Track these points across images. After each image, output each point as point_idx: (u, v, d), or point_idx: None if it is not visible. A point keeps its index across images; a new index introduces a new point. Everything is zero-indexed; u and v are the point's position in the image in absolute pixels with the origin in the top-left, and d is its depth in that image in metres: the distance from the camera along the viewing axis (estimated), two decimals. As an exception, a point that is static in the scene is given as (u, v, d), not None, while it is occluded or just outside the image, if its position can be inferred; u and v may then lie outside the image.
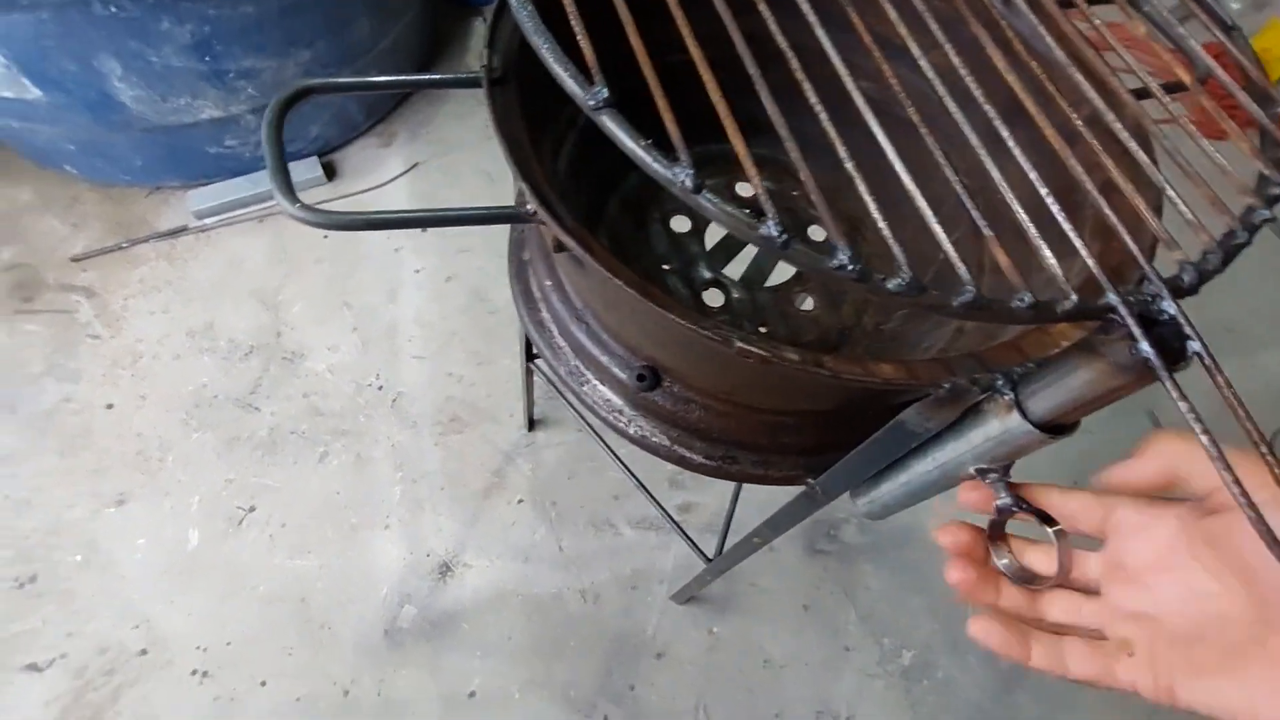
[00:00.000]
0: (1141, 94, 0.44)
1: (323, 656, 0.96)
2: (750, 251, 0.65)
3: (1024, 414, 0.32)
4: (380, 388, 1.17)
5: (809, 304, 0.63)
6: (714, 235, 0.64)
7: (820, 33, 0.40)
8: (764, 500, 1.12)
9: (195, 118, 1.15)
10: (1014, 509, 0.36)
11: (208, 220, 1.27)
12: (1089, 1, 0.49)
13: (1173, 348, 0.27)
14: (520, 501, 1.10)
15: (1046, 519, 0.34)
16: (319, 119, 1.31)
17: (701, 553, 0.83)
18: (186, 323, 1.18)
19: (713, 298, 0.61)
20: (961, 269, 0.27)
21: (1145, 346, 0.26)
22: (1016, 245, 0.32)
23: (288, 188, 0.33)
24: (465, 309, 1.27)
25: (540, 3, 0.32)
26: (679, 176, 0.26)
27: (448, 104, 1.52)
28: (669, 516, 0.87)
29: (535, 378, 1.00)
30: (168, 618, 0.96)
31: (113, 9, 0.95)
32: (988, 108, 0.37)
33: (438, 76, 0.40)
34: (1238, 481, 0.25)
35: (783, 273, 0.65)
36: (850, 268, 0.26)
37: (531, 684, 0.97)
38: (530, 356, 0.93)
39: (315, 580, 1.01)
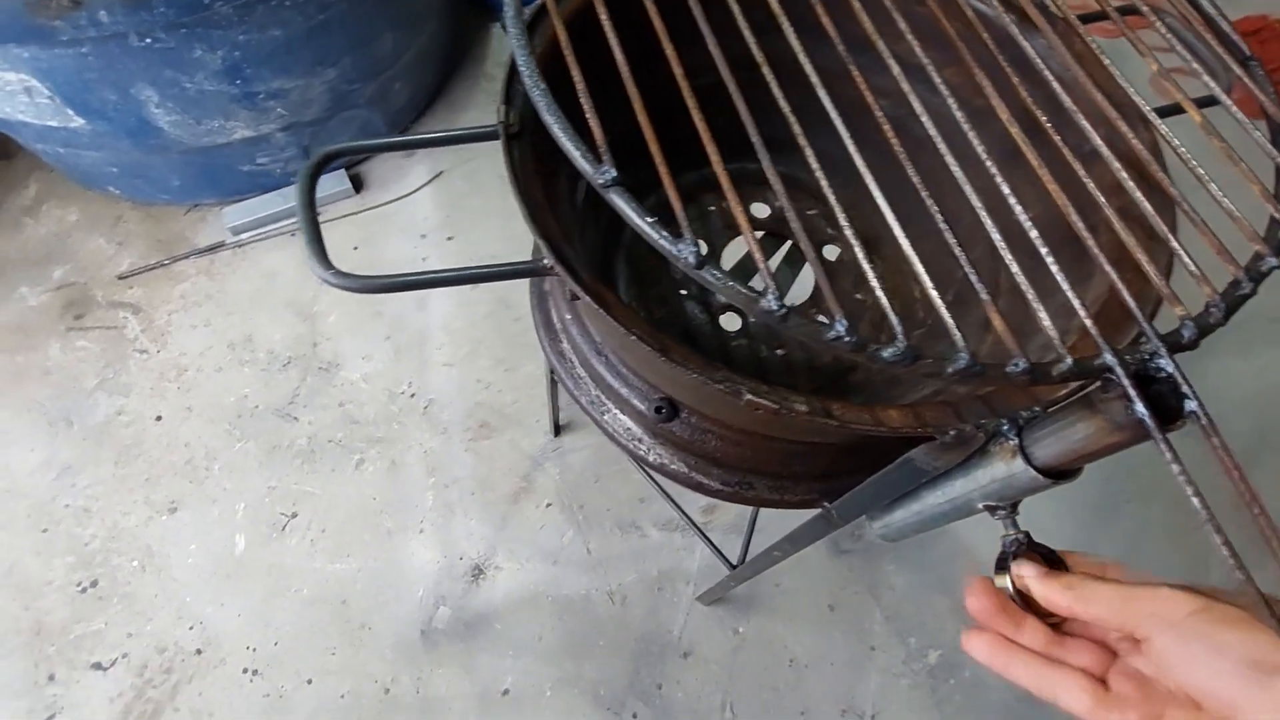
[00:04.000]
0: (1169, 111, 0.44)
1: (363, 656, 1.01)
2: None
3: (1028, 459, 0.33)
4: (412, 395, 1.21)
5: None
6: (730, 258, 0.65)
7: (842, 50, 0.41)
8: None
9: (228, 138, 1.20)
10: (1020, 546, 0.37)
11: (243, 235, 1.32)
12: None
13: (1169, 406, 0.27)
14: (548, 505, 1.13)
15: (1054, 561, 0.35)
16: (345, 133, 1.35)
17: (725, 559, 0.85)
18: (227, 335, 1.23)
19: (729, 321, 0.62)
20: (957, 336, 0.28)
21: (1140, 407, 0.27)
22: (1031, 270, 0.33)
23: (321, 254, 0.35)
24: (490, 315, 1.30)
25: (548, 69, 0.34)
26: (683, 253, 0.28)
27: (469, 111, 1.54)
28: (693, 524, 0.89)
29: (559, 386, 1.02)
30: (220, 619, 1.02)
31: (149, 40, 0.99)
32: (983, 138, 0.37)
33: (457, 132, 0.42)
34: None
35: (801, 291, 0.66)
36: (847, 340, 0.27)
37: (563, 682, 1.01)
38: (554, 368, 0.95)
39: (354, 583, 1.05)
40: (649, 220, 0.28)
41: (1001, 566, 0.38)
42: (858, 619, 1.10)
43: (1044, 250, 0.30)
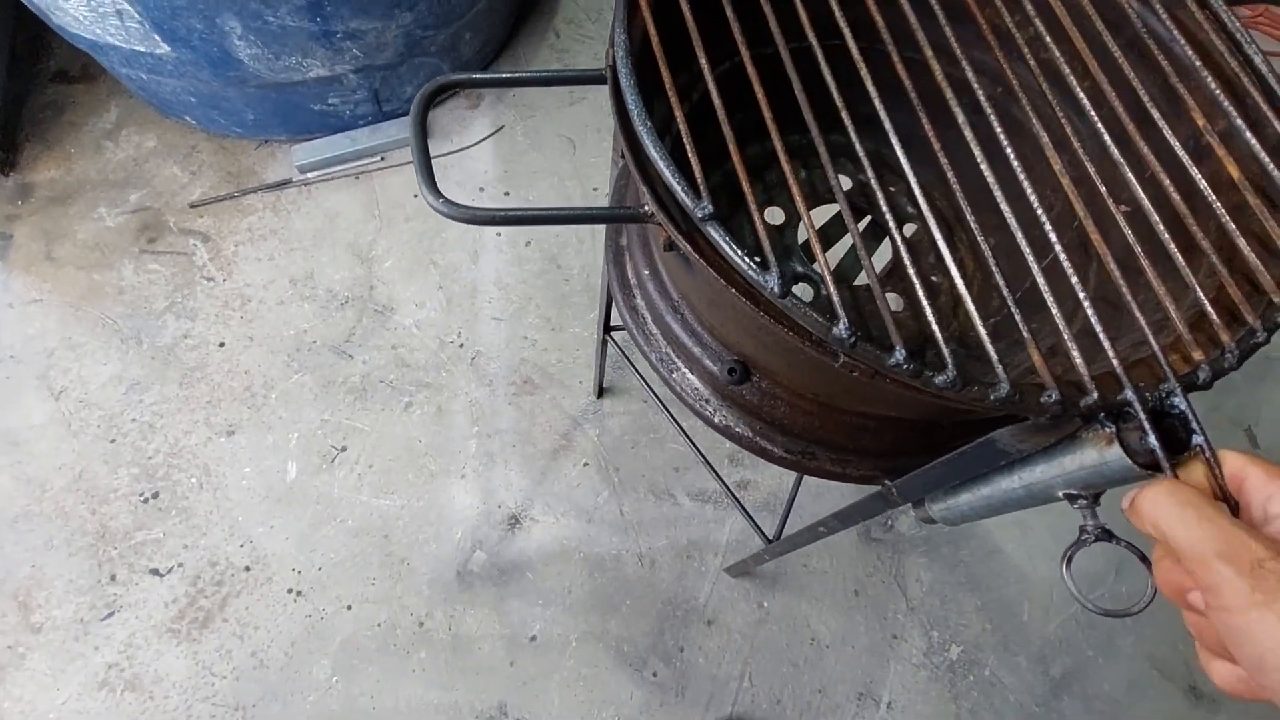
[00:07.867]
0: None
1: (401, 589, 1.05)
2: (843, 246, 0.65)
3: (1125, 448, 0.33)
4: (461, 345, 1.23)
5: (898, 305, 0.63)
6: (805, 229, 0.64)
7: (947, 29, 0.41)
8: (819, 486, 1.13)
9: (304, 76, 1.21)
10: (1097, 538, 0.37)
11: (310, 175, 1.35)
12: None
13: (1179, 439, 0.31)
14: (586, 465, 1.15)
15: (1140, 555, 0.35)
16: (415, 79, 1.36)
17: (762, 533, 0.86)
18: (289, 271, 1.27)
19: (801, 292, 0.61)
20: (999, 369, 0.31)
21: (1152, 440, 0.30)
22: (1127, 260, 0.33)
23: (432, 183, 0.36)
24: (541, 274, 1.31)
25: (640, 71, 0.35)
26: (769, 283, 0.32)
27: (532, 68, 1.54)
28: (733, 495, 0.90)
29: (607, 347, 1.03)
30: (269, 540, 1.07)
31: (238, -29, 1.01)
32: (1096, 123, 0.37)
33: (566, 72, 0.42)
34: None
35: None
36: (905, 367, 0.31)
37: (588, 635, 1.04)
38: (607, 329, 0.96)
39: (397, 519, 1.09)
40: (741, 253, 0.31)
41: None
42: (882, 607, 1.10)
43: (1083, 298, 0.31)
